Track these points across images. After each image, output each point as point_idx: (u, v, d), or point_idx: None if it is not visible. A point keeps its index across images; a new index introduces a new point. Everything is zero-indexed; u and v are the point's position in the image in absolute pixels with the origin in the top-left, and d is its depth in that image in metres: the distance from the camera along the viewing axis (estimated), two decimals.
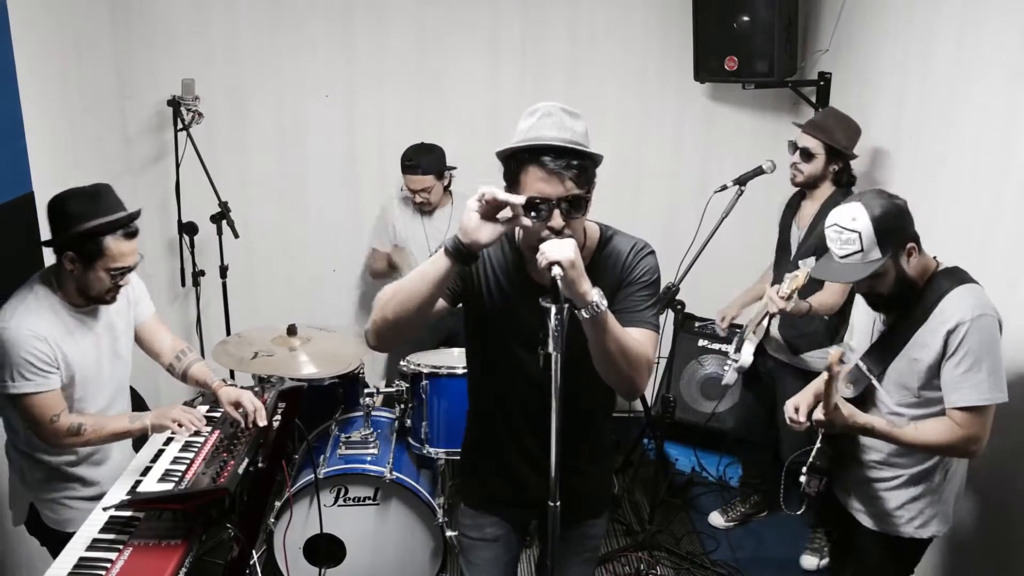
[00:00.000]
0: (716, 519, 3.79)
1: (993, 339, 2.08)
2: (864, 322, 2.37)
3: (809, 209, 3.23)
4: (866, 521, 2.37)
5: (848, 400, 2.23)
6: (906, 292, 2.17)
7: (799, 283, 2.86)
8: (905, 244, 2.13)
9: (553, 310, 1.62)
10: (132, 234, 2.22)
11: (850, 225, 2.11)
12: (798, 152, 3.18)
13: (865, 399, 2.30)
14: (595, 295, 1.72)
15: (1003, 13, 2.71)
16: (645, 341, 1.88)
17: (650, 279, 1.94)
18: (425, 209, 3.74)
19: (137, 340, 2.56)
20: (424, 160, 3.63)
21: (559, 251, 1.67)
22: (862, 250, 2.10)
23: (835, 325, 3.13)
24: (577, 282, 1.68)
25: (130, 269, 2.26)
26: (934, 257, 2.23)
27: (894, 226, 2.10)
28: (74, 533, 2.06)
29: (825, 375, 2.49)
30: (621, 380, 1.87)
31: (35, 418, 2.20)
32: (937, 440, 2.13)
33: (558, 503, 1.71)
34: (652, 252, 1.97)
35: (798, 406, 2.40)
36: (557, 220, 1.76)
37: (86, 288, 2.25)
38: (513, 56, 4.20)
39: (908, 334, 2.18)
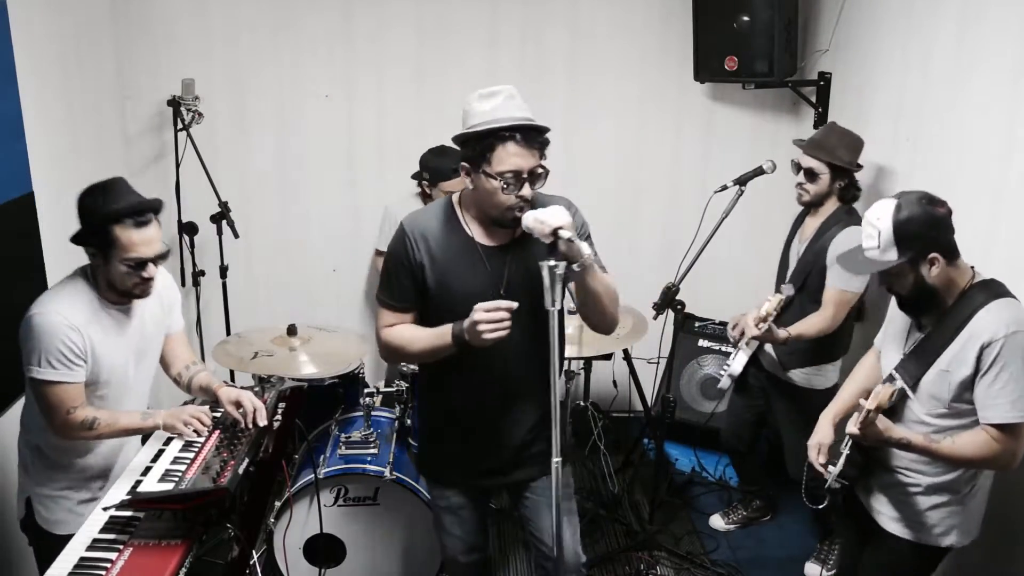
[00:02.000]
0: (717, 522, 3.77)
1: None
2: (899, 328, 2.33)
3: (812, 225, 3.16)
4: (886, 524, 2.35)
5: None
6: (926, 298, 2.15)
7: (769, 310, 2.89)
8: (928, 253, 2.09)
9: (550, 265, 1.86)
10: (143, 223, 2.19)
11: (874, 221, 2.11)
12: (802, 173, 3.10)
13: (894, 407, 2.26)
14: (587, 248, 1.97)
15: (1002, 13, 2.71)
16: (612, 280, 2.19)
17: (588, 230, 2.25)
18: None
19: None
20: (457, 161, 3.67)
21: (558, 217, 1.94)
22: (879, 247, 2.10)
23: (829, 344, 3.10)
24: (575, 240, 1.95)
25: (150, 260, 2.22)
26: (971, 267, 2.19)
27: (917, 232, 2.07)
28: (63, 536, 2.07)
29: (837, 406, 2.47)
30: (605, 317, 2.20)
31: (52, 406, 2.20)
32: (974, 454, 2.11)
33: (560, 459, 1.91)
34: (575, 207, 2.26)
35: (820, 446, 2.33)
36: (527, 190, 2.05)
37: (113, 282, 2.25)
38: (513, 56, 4.19)
39: (942, 346, 2.15)
